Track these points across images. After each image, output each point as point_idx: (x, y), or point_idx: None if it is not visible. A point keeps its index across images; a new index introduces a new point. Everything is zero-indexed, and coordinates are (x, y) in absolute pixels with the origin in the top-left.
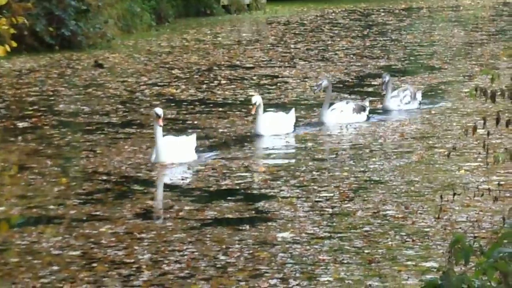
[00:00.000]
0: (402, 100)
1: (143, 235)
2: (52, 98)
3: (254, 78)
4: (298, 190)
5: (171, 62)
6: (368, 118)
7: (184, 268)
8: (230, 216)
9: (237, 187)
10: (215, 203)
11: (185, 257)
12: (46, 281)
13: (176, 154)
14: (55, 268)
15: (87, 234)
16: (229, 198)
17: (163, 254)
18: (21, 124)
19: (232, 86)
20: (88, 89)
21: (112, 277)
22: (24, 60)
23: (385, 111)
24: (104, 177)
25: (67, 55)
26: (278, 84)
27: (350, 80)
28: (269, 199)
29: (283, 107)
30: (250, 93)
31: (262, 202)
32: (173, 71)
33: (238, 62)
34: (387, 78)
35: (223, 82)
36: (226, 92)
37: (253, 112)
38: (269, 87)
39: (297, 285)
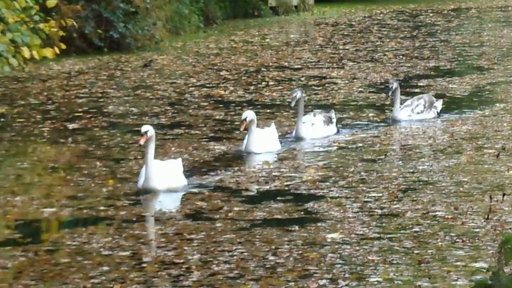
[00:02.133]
0: (414, 109)
1: (192, 236)
2: (101, 99)
3: (302, 79)
4: (347, 191)
5: (219, 64)
6: (338, 130)
7: (233, 268)
8: (279, 216)
9: (286, 188)
10: (264, 204)
11: (235, 257)
12: (96, 281)
13: (165, 179)
14: (105, 268)
15: (136, 235)
16: (278, 198)
17: (212, 254)
18: (71, 126)
19: (280, 87)
20: (137, 90)
21: (162, 277)
22: (73, 62)
23: (394, 121)
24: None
25: (115, 57)
26: (326, 85)
27: (399, 81)
28: (318, 200)
29: (331, 108)
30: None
31: (311, 203)
32: (221, 73)
33: (286, 63)
34: (395, 85)
35: (271, 83)
36: (274, 94)
37: (242, 129)
38: (316, 88)
39: (346, 285)
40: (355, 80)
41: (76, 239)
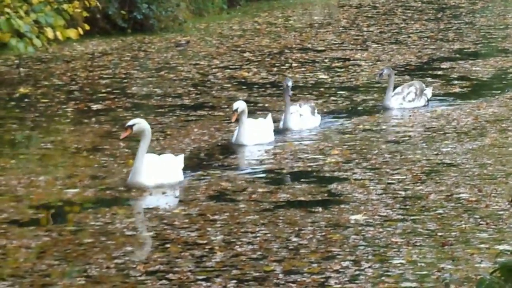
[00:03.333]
0: (405, 97)
1: (216, 217)
2: (125, 80)
3: (326, 61)
4: (370, 173)
5: (242, 45)
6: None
7: (256, 249)
8: (302, 198)
9: (310, 170)
10: (288, 185)
11: (258, 238)
12: (119, 261)
13: (155, 175)
14: (129, 249)
15: (160, 215)
16: (302, 180)
17: (236, 235)
18: (94, 106)
19: (303, 69)
20: (160, 72)
21: (185, 258)
22: (97, 43)
23: (386, 109)
24: None
25: (139, 38)
26: (349, 67)
27: (422, 63)
28: (342, 182)
29: (354, 90)
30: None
31: (334, 185)
32: (244, 54)
33: (309, 45)
34: (385, 71)
35: (294, 65)
36: (297, 75)
37: (233, 120)
38: (339, 70)
39: (369, 267)
40: (378, 62)
41: (99, 220)
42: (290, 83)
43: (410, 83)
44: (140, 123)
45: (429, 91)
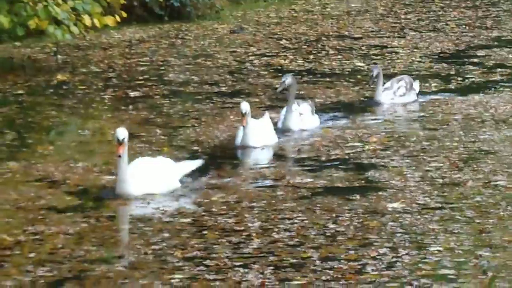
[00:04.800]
0: (396, 92)
1: (253, 204)
2: (162, 68)
3: (363, 48)
4: (408, 160)
5: (279, 33)
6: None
7: (294, 236)
8: (340, 185)
9: (347, 157)
10: (325, 173)
11: (295, 225)
12: (157, 247)
13: (144, 183)
14: (166, 235)
15: (198, 202)
16: (339, 167)
17: (273, 222)
18: (132, 93)
19: (339, 57)
20: (197, 59)
21: (223, 244)
22: (134, 31)
23: (376, 104)
24: (207, 146)
25: (176, 25)
26: (386, 54)
27: (460, 51)
28: (379, 169)
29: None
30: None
31: (372, 172)
32: (281, 42)
33: (346, 33)
34: (374, 71)
35: (331, 52)
36: (333, 63)
37: (244, 124)
38: (375, 57)
39: (406, 254)
40: (416, 50)
41: (137, 206)
42: (286, 80)
43: (399, 77)
44: (126, 136)
45: (416, 85)
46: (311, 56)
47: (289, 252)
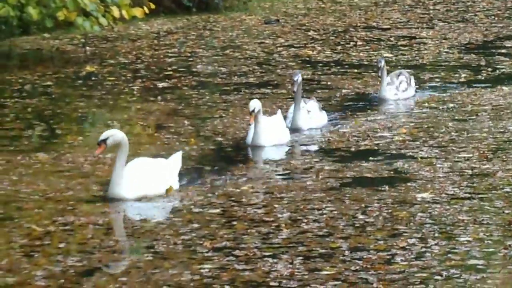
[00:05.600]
0: (398, 87)
1: (283, 194)
2: (190, 59)
3: (391, 39)
4: (437, 151)
5: (307, 24)
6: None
7: (323, 226)
8: (369, 176)
9: (376, 148)
10: (354, 163)
11: (324, 216)
12: (186, 238)
13: (140, 186)
14: (196, 225)
15: (228, 193)
16: (368, 158)
17: (302, 213)
18: (160, 84)
19: (367, 48)
20: (225, 50)
21: (252, 235)
22: (162, 22)
23: (382, 101)
24: (234, 137)
25: (204, 17)
26: (414, 45)
27: (489, 41)
28: (408, 160)
29: (420, 68)
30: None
31: (401, 163)
32: (309, 33)
33: (374, 24)
34: (382, 62)
35: (359, 43)
36: (361, 54)
37: (251, 122)
38: (403, 48)
39: (435, 244)
40: (445, 41)
41: (166, 196)
42: (296, 78)
43: (397, 72)
44: (114, 135)
45: (412, 80)
46: (339, 47)
47: (318, 242)
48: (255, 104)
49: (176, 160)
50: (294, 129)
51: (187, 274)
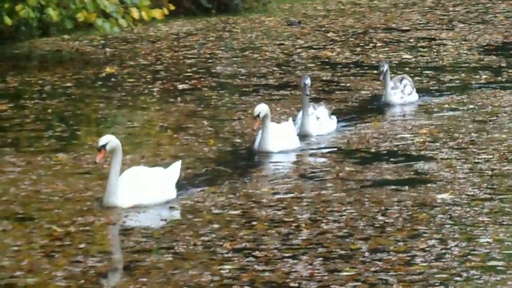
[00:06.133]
0: (404, 91)
1: (303, 195)
2: (210, 60)
3: (411, 40)
4: (457, 152)
5: (326, 26)
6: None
7: (342, 227)
8: (389, 177)
9: (396, 149)
10: (374, 165)
11: (344, 217)
12: (206, 239)
13: (136, 195)
14: (216, 226)
15: (248, 194)
16: (388, 159)
17: (322, 214)
18: (180, 86)
19: (387, 49)
20: (244, 52)
21: (272, 235)
22: (181, 24)
23: (388, 105)
24: (252, 139)
25: (223, 18)
26: (434, 46)
27: (509, 43)
28: (428, 161)
29: (440, 69)
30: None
31: (421, 164)
32: (328, 34)
33: (394, 25)
34: (385, 67)
35: (378, 44)
36: (380, 55)
37: (255, 128)
38: (422, 49)
39: (455, 246)
40: (464, 42)
41: (187, 198)
42: (308, 81)
43: (399, 77)
44: (111, 141)
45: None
46: (358, 49)
47: (338, 244)
48: (260, 109)
49: (174, 170)
50: (303, 136)
51: (207, 274)
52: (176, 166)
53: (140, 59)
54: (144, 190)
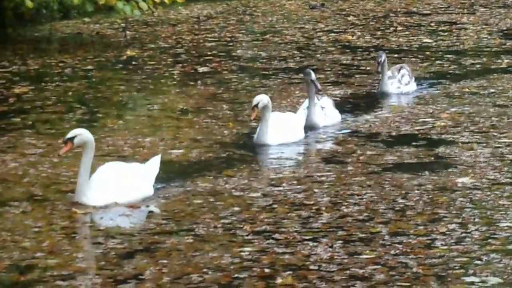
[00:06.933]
0: (401, 81)
1: (323, 178)
2: (230, 43)
3: (431, 24)
4: (478, 136)
5: (347, 9)
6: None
7: (362, 211)
8: (410, 161)
9: (417, 133)
10: (395, 148)
11: (364, 200)
12: (226, 221)
13: (108, 192)
14: (236, 209)
15: (269, 177)
16: (409, 143)
17: (342, 197)
18: (200, 69)
19: (407, 33)
20: (265, 35)
21: (292, 218)
22: (202, 7)
23: (384, 95)
24: None
25: (244, 2)
26: (454, 30)
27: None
28: (449, 145)
29: (462, 53)
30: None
31: (442, 148)
32: (349, 18)
33: (414, 9)
34: (383, 57)
35: (399, 28)
36: (401, 39)
37: (252, 118)
38: (443, 33)
39: (475, 230)
40: (485, 26)
41: (206, 181)
42: (313, 76)
43: (397, 66)
44: (82, 134)
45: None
46: (379, 33)
47: (358, 227)
48: (259, 99)
49: (153, 165)
50: (309, 126)
51: (227, 257)
52: (155, 161)
53: (160, 42)
54: (118, 188)
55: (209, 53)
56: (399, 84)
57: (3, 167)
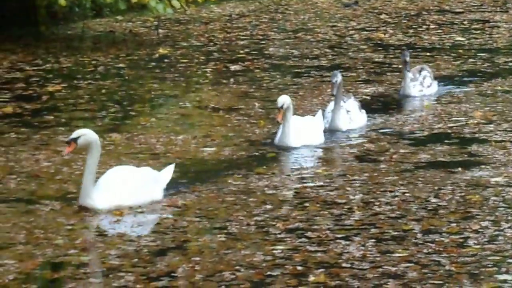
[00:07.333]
0: (423, 83)
1: (356, 177)
2: (263, 42)
3: (464, 22)
4: (511, 134)
5: (379, 7)
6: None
7: (395, 209)
8: (442, 159)
9: (450, 131)
10: (428, 147)
11: (397, 198)
12: (259, 219)
13: (114, 196)
14: (269, 207)
15: (301, 175)
16: (442, 141)
17: (374, 195)
18: (233, 67)
19: (440, 31)
20: (297, 33)
21: (324, 216)
22: (234, 5)
23: (405, 97)
24: None
25: (276, 0)
26: (487, 29)
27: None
28: (482, 143)
29: (495, 52)
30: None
31: (475, 146)
32: (381, 16)
33: (447, 7)
34: (408, 56)
35: (431, 26)
36: (433, 37)
37: (279, 120)
38: (475, 31)
39: (508, 227)
40: None
41: (241, 178)
42: (338, 79)
43: (418, 67)
44: (86, 135)
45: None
46: (411, 31)
47: (391, 225)
48: (283, 100)
49: (166, 173)
50: (332, 130)
51: (260, 255)
52: (169, 169)
53: (193, 40)
54: (123, 191)
55: (241, 51)
56: (422, 87)
57: (36, 165)
